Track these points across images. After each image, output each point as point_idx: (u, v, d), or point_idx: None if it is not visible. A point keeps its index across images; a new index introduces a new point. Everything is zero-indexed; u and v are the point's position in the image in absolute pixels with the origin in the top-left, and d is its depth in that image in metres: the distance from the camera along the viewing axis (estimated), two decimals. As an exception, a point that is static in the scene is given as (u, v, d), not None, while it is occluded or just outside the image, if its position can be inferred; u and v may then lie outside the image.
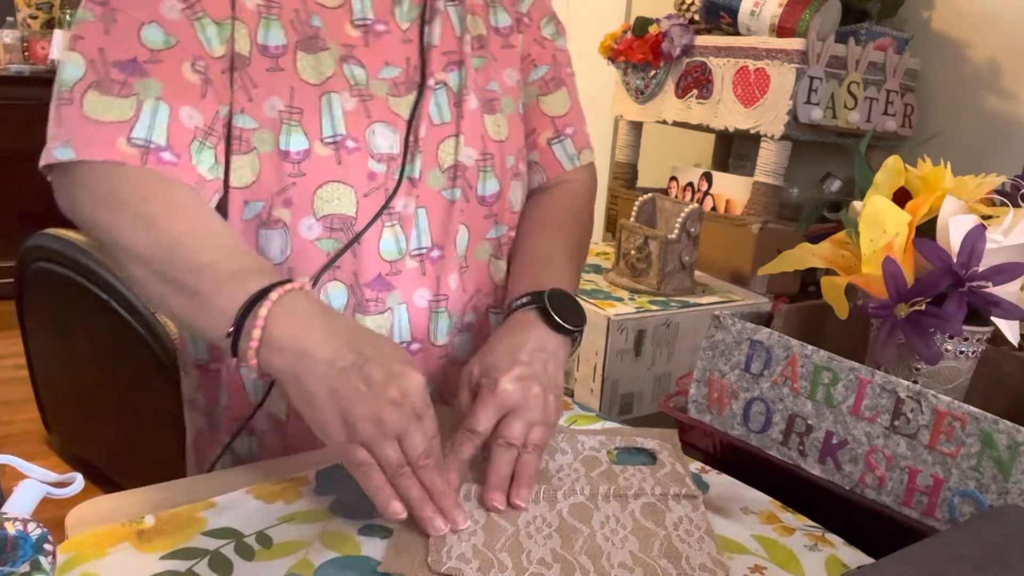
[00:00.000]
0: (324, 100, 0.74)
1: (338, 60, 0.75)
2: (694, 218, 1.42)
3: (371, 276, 0.77)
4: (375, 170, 0.76)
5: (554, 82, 0.92)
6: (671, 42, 1.63)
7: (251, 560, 0.54)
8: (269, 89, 0.72)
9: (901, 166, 0.80)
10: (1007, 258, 0.71)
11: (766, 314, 0.90)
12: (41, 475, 0.52)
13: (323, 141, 0.74)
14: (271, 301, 0.60)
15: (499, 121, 0.85)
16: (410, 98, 0.79)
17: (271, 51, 0.73)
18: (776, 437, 0.74)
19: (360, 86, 0.76)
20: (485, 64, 0.85)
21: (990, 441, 0.61)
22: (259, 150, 0.73)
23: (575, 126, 0.94)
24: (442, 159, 0.80)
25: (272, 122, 0.73)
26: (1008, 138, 1.53)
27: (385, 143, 0.77)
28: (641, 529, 0.61)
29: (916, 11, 1.65)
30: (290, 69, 0.73)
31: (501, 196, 0.85)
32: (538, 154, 0.92)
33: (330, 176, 0.74)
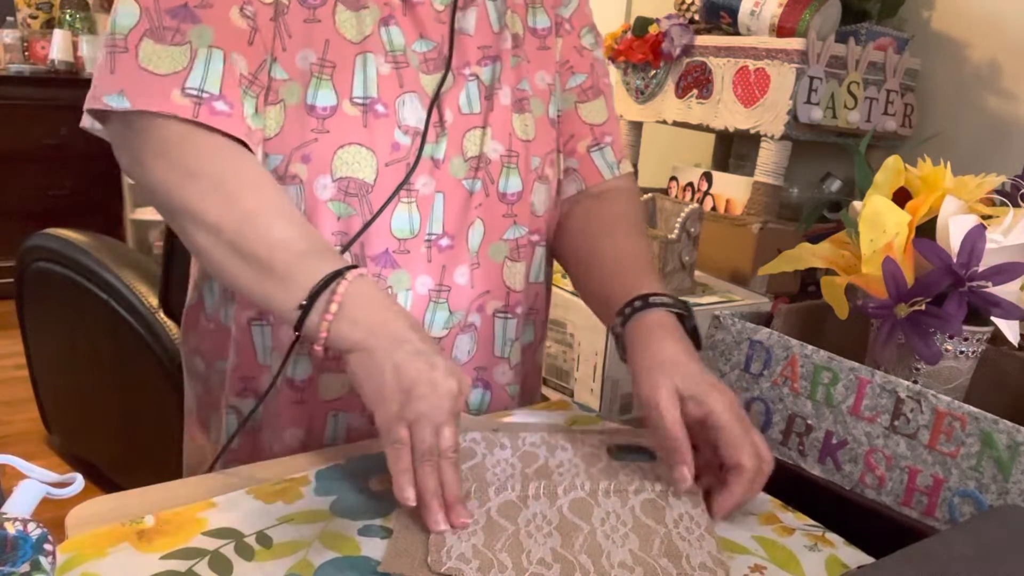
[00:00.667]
0: (359, 59, 0.73)
1: (378, 21, 0.74)
2: (694, 218, 1.42)
3: (378, 250, 0.76)
4: (400, 141, 0.75)
5: (592, 91, 0.91)
6: (671, 42, 1.63)
7: (251, 560, 0.54)
8: (304, 40, 0.72)
9: (901, 166, 0.80)
10: (1007, 258, 0.71)
11: (766, 314, 0.90)
12: (41, 475, 0.52)
13: (352, 101, 0.73)
14: (348, 280, 0.62)
15: (527, 121, 0.84)
16: (436, 77, 0.78)
17: (310, 2, 0.72)
18: (776, 437, 0.74)
19: (396, 52, 0.75)
20: (519, 63, 0.84)
21: (990, 441, 0.61)
22: (286, 102, 0.72)
23: (613, 136, 0.92)
24: (466, 148, 0.79)
25: (302, 74, 0.72)
26: (1008, 138, 1.53)
27: (414, 116, 0.76)
28: (641, 526, 0.61)
29: (916, 11, 1.65)
30: (328, 21, 0.72)
31: (523, 197, 0.83)
32: (577, 161, 0.91)
33: (354, 138, 0.73)
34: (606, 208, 0.89)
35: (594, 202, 0.90)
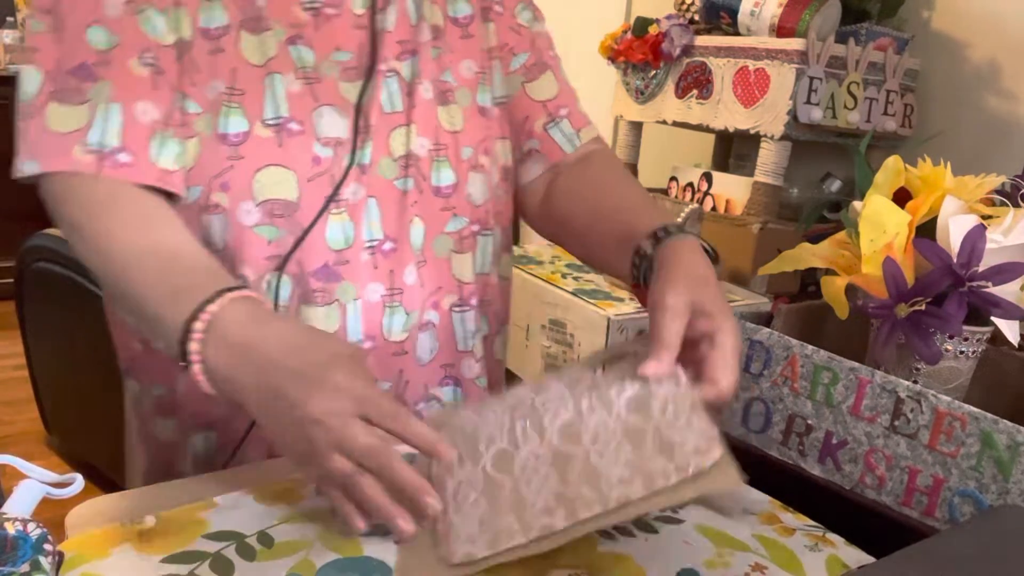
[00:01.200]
0: (267, 80, 0.73)
1: (284, 41, 0.74)
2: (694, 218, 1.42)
3: (317, 265, 0.75)
4: (321, 154, 0.74)
5: (537, 67, 0.90)
6: (671, 42, 1.63)
7: (252, 561, 0.54)
8: (211, 71, 0.72)
9: (901, 166, 0.80)
10: (1007, 258, 0.71)
11: (766, 314, 0.90)
12: (41, 475, 0.52)
13: (264, 123, 0.72)
14: (196, 344, 0.59)
15: (453, 112, 0.82)
16: (360, 84, 0.77)
17: (212, 33, 0.72)
18: (776, 437, 0.74)
19: (307, 68, 0.74)
20: (440, 55, 0.83)
21: (990, 441, 0.61)
22: (202, 134, 0.72)
23: (568, 106, 0.91)
24: (393, 147, 0.78)
25: (213, 105, 0.72)
26: (1008, 138, 1.53)
27: (333, 128, 0.75)
28: (631, 430, 0.58)
29: (916, 11, 1.65)
30: (232, 50, 0.72)
31: (458, 188, 0.82)
32: (537, 141, 0.90)
33: (270, 159, 0.73)
34: (595, 168, 0.89)
35: (577, 169, 0.89)
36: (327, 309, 0.76)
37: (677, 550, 0.59)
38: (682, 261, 0.66)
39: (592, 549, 0.59)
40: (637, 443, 0.57)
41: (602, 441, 0.58)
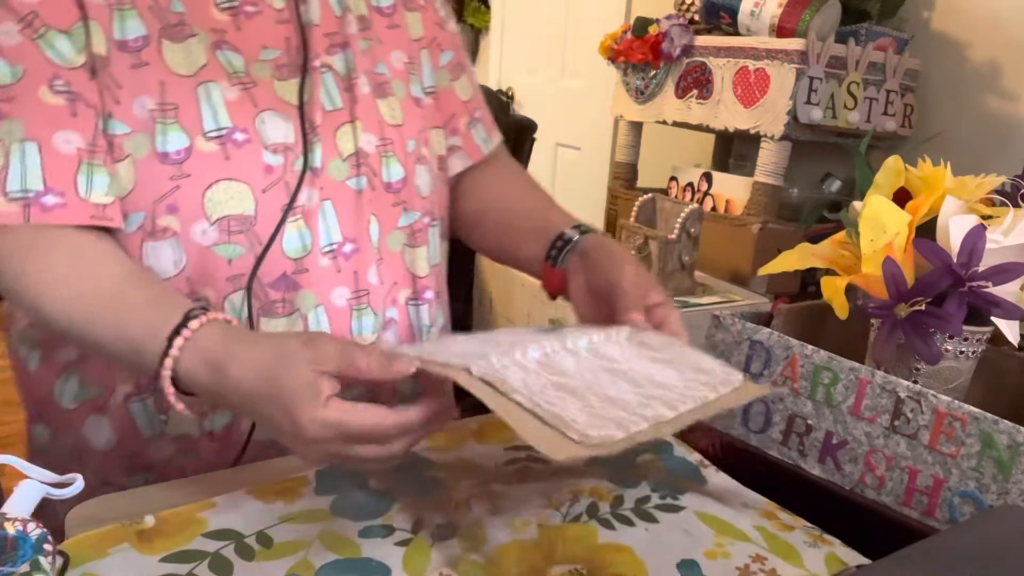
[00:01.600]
0: (201, 90, 0.68)
1: (209, 47, 0.69)
2: (694, 218, 1.42)
3: (275, 276, 0.72)
4: (271, 163, 0.71)
5: (459, 67, 0.91)
6: (671, 42, 1.63)
7: (251, 560, 0.54)
8: (136, 87, 0.66)
9: (901, 166, 0.80)
10: (1007, 258, 0.71)
11: (766, 314, 0.90)
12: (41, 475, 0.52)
13: (206, 136, 0.68)
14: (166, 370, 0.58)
15: (392, 105, 0.81)
16: (296, 81, 0.74)
17: (131, 45, 0.66)
18: (776, 437, 0.74)
19: (239, 73, 0.70)
20: (371, 46, 0.80)
21: (990, 441, 0.61)
22: (134, 156, 0.67)
23: (481, 109, 0.94)
24: (342, 147, 0.76)
25: (144, 123, 0.67)
26: (1008, 138, 1.53)
27: (279, 132, 0.72)
28: (654, 359, 0.62)
29: (916, 11, 1.65)
30: (157, 62, 0.67)
31: (407, 182, 0.81)
32: (461, 139, 0.91)
33: (219, 174, 0.69)
34: (501, 173, 0.94)
35: (486, 170, 0.94)
36: (288, 320, 0.74)
37: (677, 540, 0.59)
38: (619, 248, 0.75)
39: (592, 540, 0.59)
40: (672, 367, 0.61)
41: (637, 363, 0.61)
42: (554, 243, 0.80)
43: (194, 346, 0.58)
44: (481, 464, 0.69)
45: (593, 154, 2.63)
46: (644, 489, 0.66)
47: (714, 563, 0.57)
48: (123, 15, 0.66)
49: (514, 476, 0.67)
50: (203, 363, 0.58)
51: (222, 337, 0.59)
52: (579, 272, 0.77)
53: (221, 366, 0.57)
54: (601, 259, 0.74)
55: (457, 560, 0.56)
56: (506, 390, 0.53)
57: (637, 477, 0.67)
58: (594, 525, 0.61)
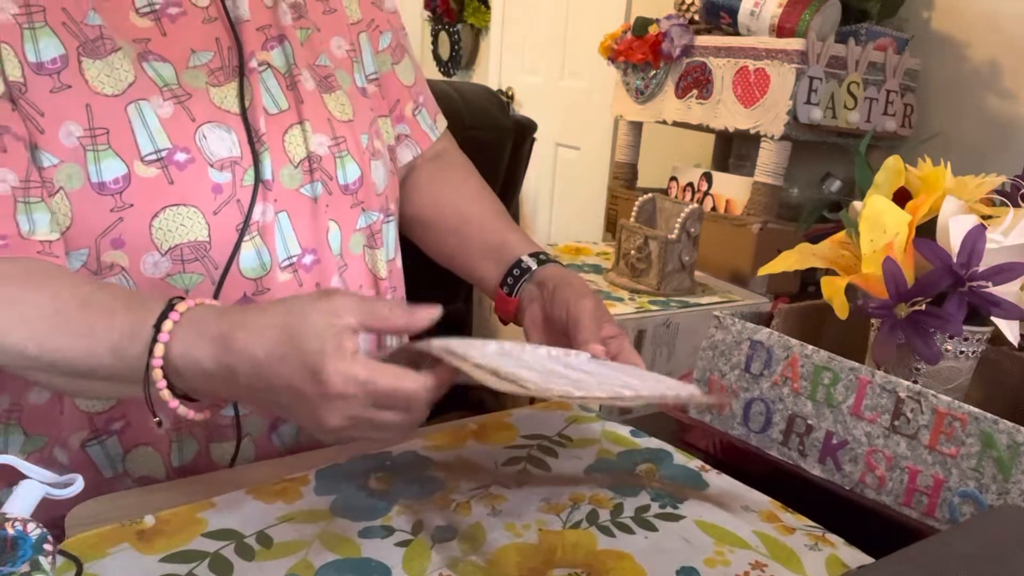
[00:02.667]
0: (132, 110, 0.63)
1: (135, 60, 0.63)
2: (694, 218, 1.41)
3: (235, 298, 0.68)
4: (219, 181, 0.66)
5: (399, 49, 0.88)
6: (671, 42, 1.63)
7: (251, 560, 0.54)
8: (60, 114, 0.60)
9: (901, 166, 0.80)
10: (1007, 258, 0.71)
11: (766, 314, 0.90)
12: (41, 475, 0.52)
13: (144, 160, 0.63)
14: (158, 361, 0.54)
15: (340, 99, 0.76)
16: (233, 86, 0.68)
17: (47, 67, 0.60)
18: (776, 437, 0.74)
19: (170, 85, 0.65)
20: (310, 36, 0.75)
21: (990, 441, 0.61)
22: (66, 188, 0.61)
23: (424, 94, 0.91)
24: (292, 152, 0.71)
25: (74, 152, 0.61)
26: (1008, 138, 1.53)
27: (222, 146, 0.66)
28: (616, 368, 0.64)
29: (916, 11, 1.65)
30: (79, 83, 0.61)
31: (364, 181, 0.77)
32: (408, 127, 0.88)
33: (164, 201, 0.63)
34: (452, 172, 0.91)
35: (436, 166, 0.91)
36: None
37: (677, 548, 0.59)
38: (578, 280, 0.74)
39: (592, 547, 0.59)
40: (631, 377, 0.62)
41: (604, 367, 0.63)
42: (511, 270, 0.79)
43: (188, 325, 0.54)
44: (481, 464, 0.69)
45: (593, 154, 2.63)
46: (644, 498, 0.66)
47: (713, 571, 0.57)
48: (35, 34, 0.60)
49: (514, 478, 0.68)
50: (202, 339, 0.53)
51: (218, 313, 0.55)
52: (535, 302, 0.76)
53: (225, 337, 0.52)
54: (561, 290, 0.73)
55: (457, 561, 0.56)
56: (466, 356, 0.51)
57: (637, 486, 0.68)
58: (594, 532, 0.61)
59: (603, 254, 1.70)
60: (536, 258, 0.79)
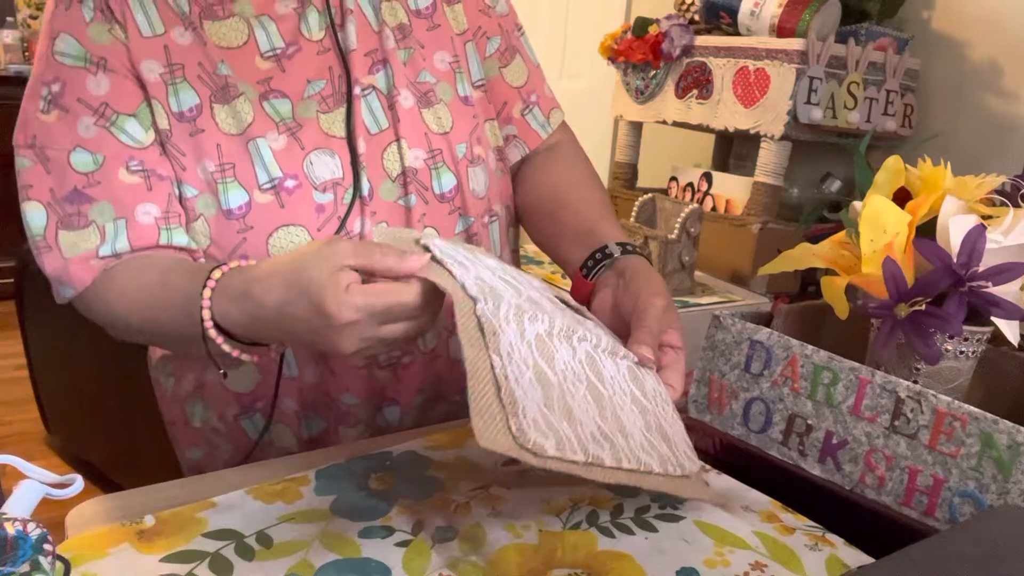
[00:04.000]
0: (251, 147, 0.73)
1: (256, 101, 0.74)
2: (694, 218, 1.41)
3: None
4: (321, 201, 0.75)
5: (509, 52, 0.90)
6: (671, 42, 1.63)
7: (251, 560, 0.54)
8: (197, 153, 0.72)
9: (901, 166, 0.79)
10: (1007, 258, 0.71)
11: (766, 314, 0.90)
12: (41, 475, 0.52)
13: (261, 188, 0.73)
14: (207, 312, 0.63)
15: (439, 112, 0.82)
16: (341, 111, 0.77)
17: (187, 115, 0.72)
18: (776, 437, 0.74)
19: (286, 120, 0.75)
20: (412, 55, 0.81)
21: (990, 441, 0.61)
22: (205, 215, 0.73)
23: (537, 91, 0.92)
24: (389, 168, 0.78)
25: (209, 184, 0.72)
26: (1008, 138, 1.53)
27: (326, 170, 0.75)
28: (636, 400, 0.61)
29: (916, 11, 1.65)
30: (210, 127, 0.73)
31: (460, 188, 0.82)
32: (515, 127, 0.91)
33: (277, 222, 0.73)
34: (558, 162, 0.92)
35: (544, 158, 0.92)
36: None
37: (677, 548, 0.59)
38: (657, 278, 0.74)
39: (592, 547, 0.59)
40: (643, 415, 0.60)
41: (619, 396, 0.60)
42: (593, 254, 0.78)
43: (220, 290, 0.62)
44: (481, 464, 0.69)
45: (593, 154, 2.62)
46: (644, 499, 0.66)
47: (713, 571, 0.57)
48: (176, 88, 0.72)
49: (513, 479, 0.67)
50: (229, 299, 0.62)
51: (240, 273, 0.63)
52: (608, 287, 0.75)
53: (246, 293, 0.60)
54: (636, 282, 0.72)
55: (457, 561, 0.56)
56: (491, 345, 0.52)
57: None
58: (594, 532, 0.61)
59: (603, 254, 1.70)
60: (623, 247, 0.78)
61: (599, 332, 0.65)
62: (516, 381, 0.52)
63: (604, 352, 0.62)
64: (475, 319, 0.54)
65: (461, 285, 0.55)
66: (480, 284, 0.56)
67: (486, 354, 0.52)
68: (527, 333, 0.56)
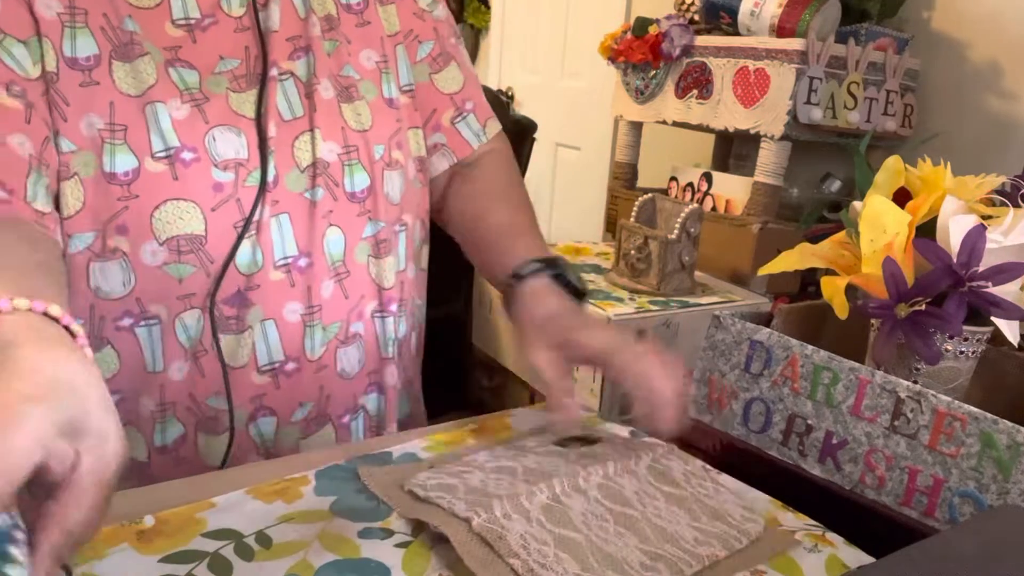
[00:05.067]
0: (149, 111, 0.68)
1: (162, 65, 0.69)
2: (694, 218, 1.41)
3: (229, 293, 0.72)
4: (221, 180, 0.70)
5: (442, 57, 0.88)
6: (671, 42, 1.63)
7: (251, 560, 0.54)
8: (85, 106, 0.66)
9: (901, 166, 0.80)
10: (1007, 258, 0.71)
11: (766, 314, 0.90)
12: None
13: (154, 156, 0.68)
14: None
15: (359, 109, 0.78)
16: (254, 93, 0.72)
17: (81, 63, 0.66)
18: (776, 437, 0.74)
19: (191, 90, 0.69)
20: (337, 48, 0.78)
21: (990, 441, 0.61)
22: (81, 175, 0.67)
23: (474, 99, 0.90)
24: (299, 158, 0.74)
25: (92, 142, 0.66)
26: (1008, 138, 1.53)
27: (230, 148, 0.70)
28: (671, 496, 0.61)
29: (916, 11, 1.65)
30: (106, 82, 0.67)
31: (373, 190, 0.78)
32: (444, 135, 0.88)
33: (166, 194, 0.68)
34: (478, 184, 0.89)
35: (467, 176, 0.90)
36: (239, 337, 0.73)
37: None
38: (521, 319, 0.71)
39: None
40: (687, 510, 0.60)
41: (651, 507, 0.60)
42: (505, 292, 0.78)
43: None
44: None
45: (593, 154, 2.63)
46: None
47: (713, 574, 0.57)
48: (74, 32, 0.66)
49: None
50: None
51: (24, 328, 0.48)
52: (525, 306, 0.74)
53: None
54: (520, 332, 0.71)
55: (456, 563, 0.56)
56: (503, 551, 0.53)
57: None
58: (593, 532, 0.60)
59: (603, 254, 1.70)
60: (516, 277, 0.76)
61: (607, 455, 0.66)
62: (543, 566, 0.52)
63: (618, 473, 0.63)
64: (475, 538, 0.54)
65: (451, 513, 0.56)
66: (469, 499, 0.58)
67: (502, 563, 0.53)
68: (532, 513, 0.57)
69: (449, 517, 0.56)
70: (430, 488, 0.60)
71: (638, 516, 0.59)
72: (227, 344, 0.73)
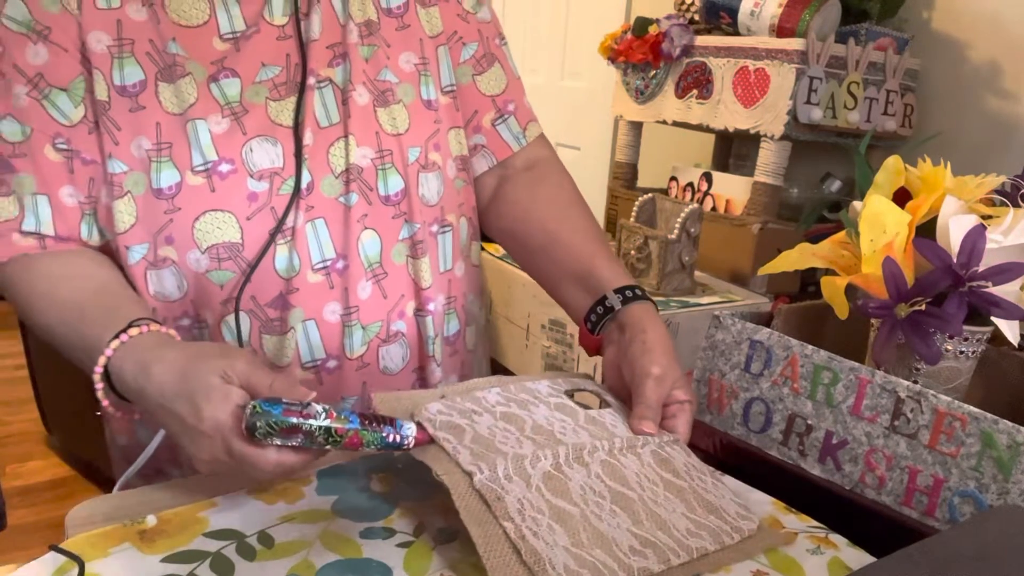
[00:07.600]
0: (190, 128, 0.72)
1: (204, 83, 0.73)
2: (694, 218, 1.42)
3: (271, 295, 0.75)
4: (255, 190, 0.74)
5: (486, 59, 0.88)
6: (671, 42, 1.63)
7: (252, 560, 0.54)
8: (134, 130, 0.71)
9: (901, 166, 0.80)
10: (1007, 258, 0.71)
11: (766, 314, 0.90)
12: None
13: (194, 170, 0.72)
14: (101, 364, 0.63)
15: (395, 113, 0.80)
16: (292, 100, 0.76)
17: (129, 90, 0.71)
18: (776, 437, 0.74)
19: (232, 103, 0.74)
20: (375, 52, 0.80)
21: (990, 441, 0.61)
22: (133, 193, 0.72)
23: (515, 101, 0.91)
24: (333, 164, 0.77)
25: (141, 162, 0.72)
26: (1008, 138, 1.53)
27: (265, 159, 0.74)
28: (670, 485, 0.61)
29: (916, 11, 1.65)
30: (152, 104, 0.72)
31: (407, 193, 0.80)
32: (484, 137, 0.89)
33: (205, 206, 0.72)
34: (544, 186, 0.90)
35: (528, 179, 0.90)
36: (281, 338, 0.76)
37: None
38: (656, 331, 0.73)
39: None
40: (683, 499, 0.61)
41: (650, 491, 0.60)
42: (595, 307, 0.78)
43: (128, 349, 0.63)
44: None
45: (593, 154, 2.63)
46: None
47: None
48: (122, 62, 0.71)
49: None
50: (132, 362, 0.62)
51: (156, 342, 0.63)
52: (613, 344, 0.75)
53: (145, 365, 0.61)
54: (634, 346, 0.71)
55: (457, 563, 0.56)
56: (499, 512, 0.53)
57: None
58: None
59: (603, 254, 1.70)
60: (622, 294, 0.76)
61: (615, 426, 0.66)
62: (535, 534, 0.53)
63: (622, 451, 0.63)
64: (475, 494, 0.55)
65: (456, 462, 0.56)
66: (475, 449, 0.58)
67: (496, 524, 0.53)
68: (533, 479, 0.57)
69: (452, 466, 0.56)
70: (439, 426, 0.60)
71: (635, 498, 0.59)
72: (272, 344, 0.77)
